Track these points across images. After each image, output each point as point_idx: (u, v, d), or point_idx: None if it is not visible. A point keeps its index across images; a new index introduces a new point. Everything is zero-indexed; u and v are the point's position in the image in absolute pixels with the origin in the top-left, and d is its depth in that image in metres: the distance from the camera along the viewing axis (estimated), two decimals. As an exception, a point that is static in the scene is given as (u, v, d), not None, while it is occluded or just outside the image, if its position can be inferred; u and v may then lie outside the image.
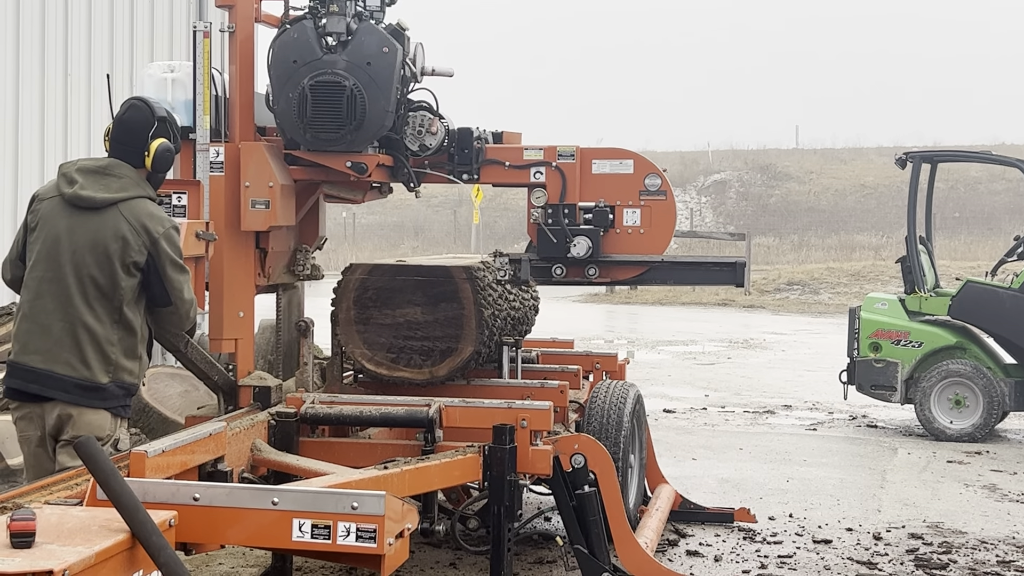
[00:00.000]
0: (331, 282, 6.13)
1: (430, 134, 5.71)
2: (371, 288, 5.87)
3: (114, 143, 4.52)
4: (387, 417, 5.19)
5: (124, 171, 4.45)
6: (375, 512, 3.38)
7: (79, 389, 4.32)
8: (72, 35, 9.73)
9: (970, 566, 6.23)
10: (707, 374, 14.23)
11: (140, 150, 4.47)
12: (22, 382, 4.37)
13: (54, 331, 4.32)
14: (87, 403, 4.34)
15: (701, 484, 8.05)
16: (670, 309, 23.81)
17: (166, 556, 2.95)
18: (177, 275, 4.45)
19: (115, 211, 4.36)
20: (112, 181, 4.41)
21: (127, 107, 4.57)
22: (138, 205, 4.40)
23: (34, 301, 4.38)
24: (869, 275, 25.90)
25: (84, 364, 4.32)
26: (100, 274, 4.34)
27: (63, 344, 4.32)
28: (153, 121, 4.50)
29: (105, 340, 4.35)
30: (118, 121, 4.55)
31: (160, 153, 4.47)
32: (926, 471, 8.79)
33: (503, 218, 40.08)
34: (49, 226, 4.40)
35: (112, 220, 4.35)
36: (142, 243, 4.36)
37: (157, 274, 4.40)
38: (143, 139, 4.47)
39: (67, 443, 4.31)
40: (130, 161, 4.48)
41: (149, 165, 4.48)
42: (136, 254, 4.35)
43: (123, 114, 4.55)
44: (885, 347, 10.24)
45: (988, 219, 37.39)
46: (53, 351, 4.32)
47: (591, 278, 5.89)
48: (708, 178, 45.54)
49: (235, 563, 5.84)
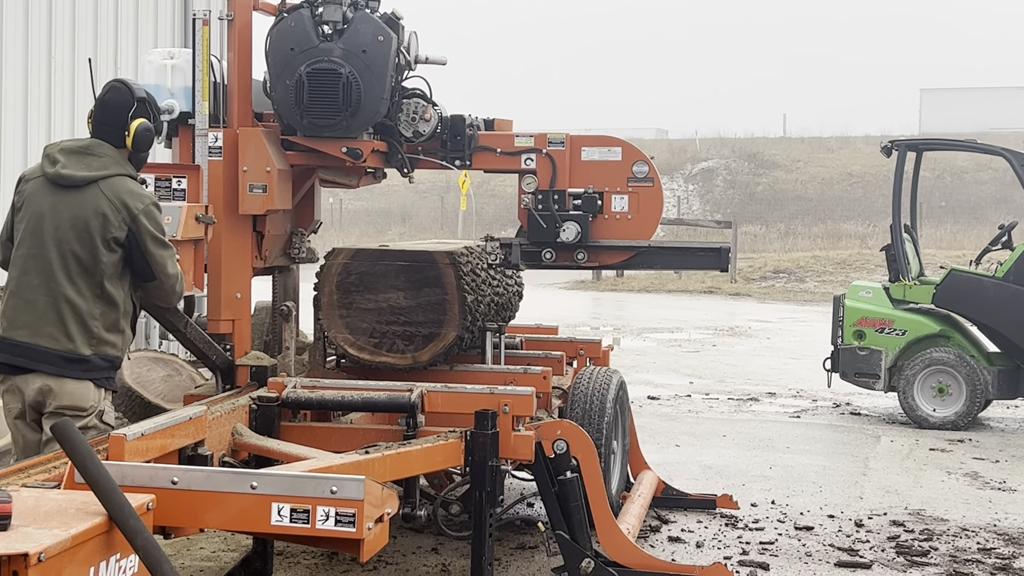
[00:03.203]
0: (315, 266, 6.14)
1: (424, 121, 5.77)
2: (354, 273, 5.86)
3: (96, 124, 4.64)
4: (369, 402, 5.18)
5: (105, 150, 4.56)
6: (354, 496, 3.37)
7: (63, 361, 4.43)
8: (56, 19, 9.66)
9: (951, 553, 6.26)
10: (692, 361, 14.25)
11: (120, 130, 4.58)
12: (9, 356, 4.49)
13: (39, 306, 4.45)
14: (71, 374, 4.44)
15: (684, 471, 8.07)
16: (656, 296, 23.82)
17: (143, 539, 2.94)
18: (159, 250, 4.54)
19: (95, 188, 4.48)
20: (93, 160, 4.52)
21: (108, 89, 4.68)
22: (118, 183, 4.51)
23: (20, 278, 4.51)
24: (855, 263, 25.95)
25: (67, 337, 4.42)
26: (81, 249, 4.45)
27: (47, 318, 4.44)
28: (133, 102, 4.61)
29: (87, 314, 4.45)
30: (99, 102, 4.67)
31: (140, 133, 4.58)
32: (908, 459, 8.82)
33: (490, 204, 40.03)
34: (33, 205, 4.53)
35: (93, 197, 4.46)
36: (122, 219, 4.46)
37: (139, 249, 4.50)
38: (123, 119, 4.58)
39: (52, 415, 4.40)
40: (111, 141, 4.59)
41: (129, 144, 4.59)
42: (116, 230, 4.45)
43: (104, 95, 4.66)
44: (869, 335, 10.27)
45: (974, 208, 37.49)
46: (37, 325, 4.44)
47: (580, 262, 5.95)
48: (695, 166, 45.56)
49: (216, 547, 5.84)
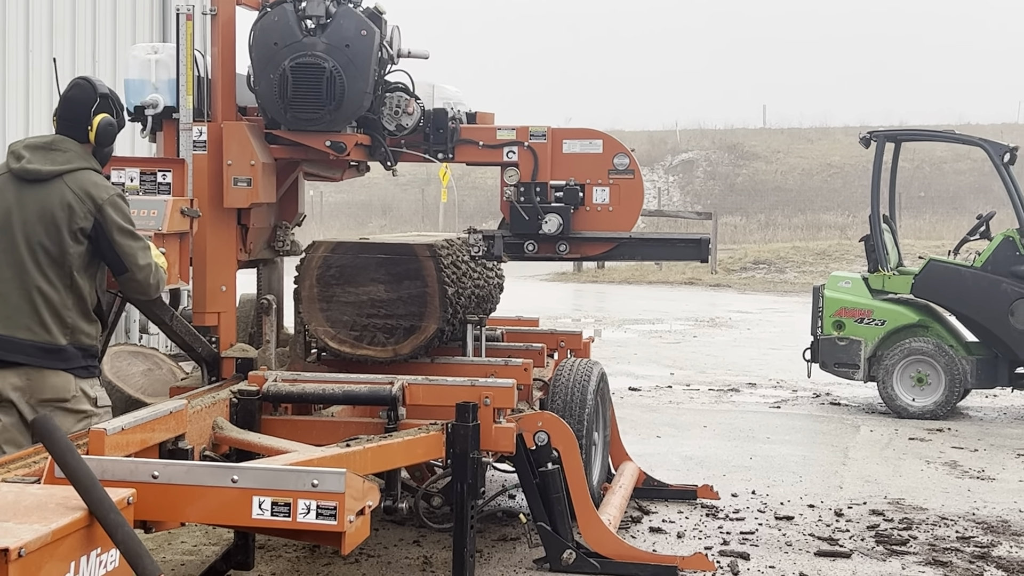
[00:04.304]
0: (296, 259, 6.14)
1: (406, 114, 5.80)
2: (334, 266, 5.86)
3: (60, 120, 4.72)
4: (350, 395, 5.19)
5: (69, 145, 4.64)
6: (335, 489, 3.37)
7: (40, 352, 4.49)
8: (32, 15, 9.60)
9: (930, 542, 6.30)
10: (673, 352, 14.28)
11: (84, 125, 4.66)
12: None
13: (12, 299, 4.51)
14: (48, 365, 4.50)
15: (665, 461, 8.09)
16: (637, 288, 23.86)
17: (123, 533, 2.93)
18: (127, 241, 4.58)
19: (60, 182, 4.55)
20: (58, 155, 4.60)
21: (71, 86, 4.77)
22: (82, 176, 4.58)
23: None
24: (835, 254, 26.05)
25: (43, 328, 4.49)
26: (49, 242, 4.51)
27: (21, 310, 4.50)
28: (95, 98, 4.69)
29: (60, 305, 4.52)
30: (63, 99, 4.75)
31: (103, 128, 4.65)
32: (888, 448, 8.87)
33: (471, 197, 39.99)
34: (1, 200, 4.58)
35: (58, 190, 4.54)
36: (87, 210, 4.52)
37: (106, 239, 4.55)
38: (86, 115, 4.66)
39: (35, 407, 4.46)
40: (75, 137, 4.67)
41: (92, 139, 4.66)
42: (82, 220, 4.51)
43: (68, 92, 4.75)
44: (848, 325, 10.31)
45: (953, 198, 37.65)
46: (12, 317, 4.50)
47: (562, 254, 6.01)
48: (676, 157, 45.61)
49: (197, 541, 5.83)
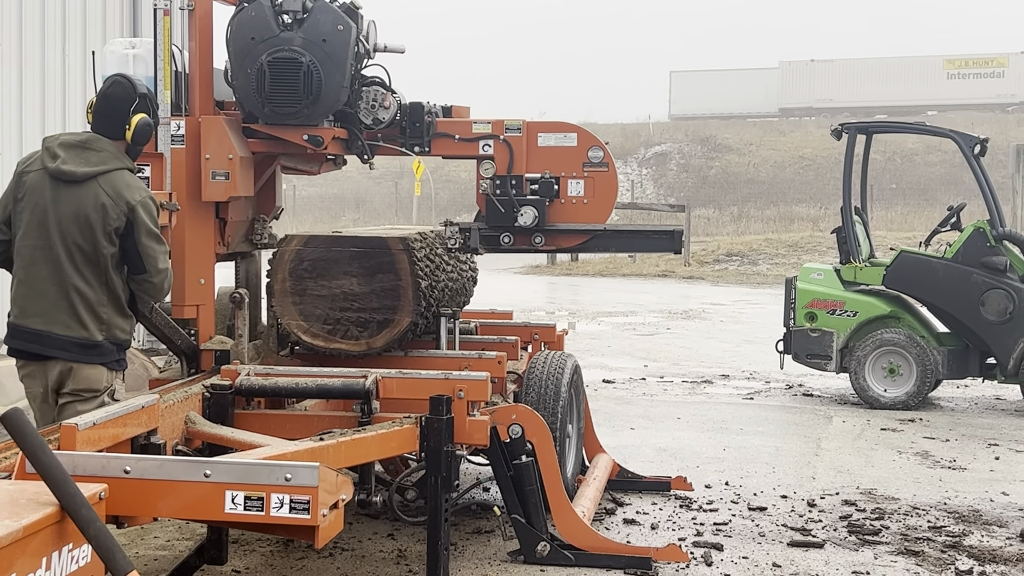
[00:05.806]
0: (268, 253, 6.13)
1: (383, 108, 5.85)
2: (307, 259, 5.84)
3: (97, 116, 4.83)
4: (323, 389, 5.17)
5: (103, 145, 4.76)
6: (308, 483, 3.37)
7: (77, 347, 4.68)
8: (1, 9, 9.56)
9: (902, 531, 6.34)
10: (646, 345, 14.32)
11: (121, 123, 4.78)
12: (23, 343, 4.74)
13: (50, 295, 4.68)
14: (85, 359, 4.69)
15: (639, 453, 8.11)
16: (611, 280, 23.90)
17: (95, 529, 2.92)
18: (152, 243, 4.74)
19: (95, 183, 4.68)
20: (92, 155, 4.72)
21: (111, 83, 4.87)
22: (116, 177, 4.71)
23: (29, 268, 4.73)
24: (807, 246, 26.17)
25: (80, 324, 4.67)
26: (84, 242, 4.67)
27: (59, 307, 4.67)
28: (135, 97, 4.82)
29: (96, 302, 4.69)
30: (102, 95, 4.84)
31: (140, 127, 4.78)
32: (860, 439, 8.92)
33: (445, 190, 40.00)
34: (36, 198, 4.72)
35: (92, 192, 4.67)
36: (120, 211, 4.67)
37: (133, 240, 4.69)
38: (125, 113, 4.78)
39: (68, 396, 4.69)
40: (110, 134, 4.78)
41: (129, 138, 4.78)
42: (115, 220, 4.68)
43: (107, 89, 4.85)
44: (820, 317, 10.36)
45: (924, 190, 37.91)
46: (50, 313, 4.67)
47: (537, 246, 6.06)
48: (649, 150, 45.74)
49: (170, 536, 5.81)
